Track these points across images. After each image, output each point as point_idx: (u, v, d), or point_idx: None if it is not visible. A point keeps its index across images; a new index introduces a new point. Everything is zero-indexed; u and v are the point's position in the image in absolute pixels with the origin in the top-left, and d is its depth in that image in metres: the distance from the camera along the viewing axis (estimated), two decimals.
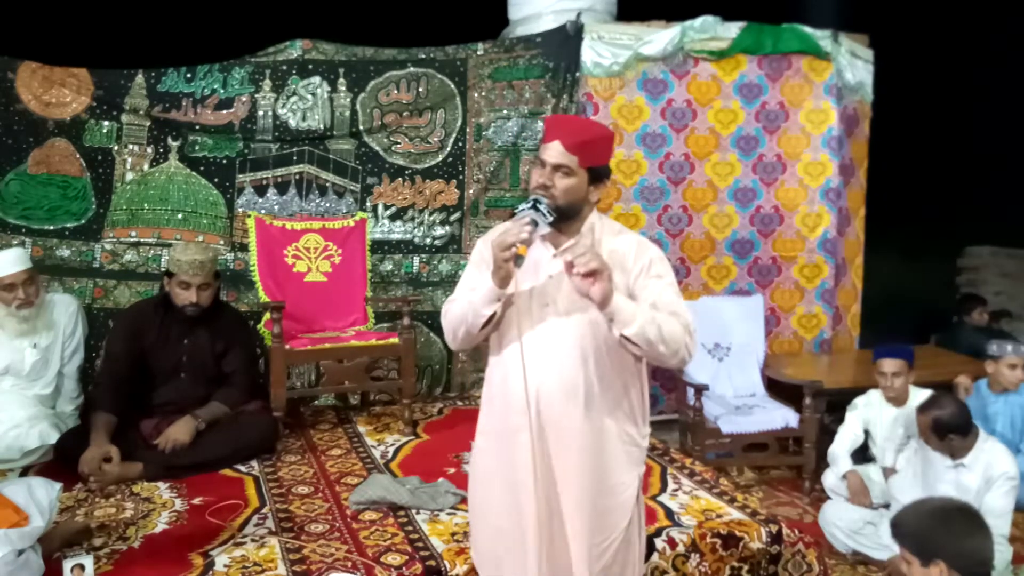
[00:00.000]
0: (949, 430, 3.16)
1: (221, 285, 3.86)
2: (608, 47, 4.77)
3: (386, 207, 4.77)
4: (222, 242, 4.53)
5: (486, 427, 2.16)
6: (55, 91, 4.37)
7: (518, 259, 1.90)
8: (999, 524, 3.11)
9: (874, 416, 3.83)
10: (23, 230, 4.34)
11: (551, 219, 1.94)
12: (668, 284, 2.04)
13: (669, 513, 2.99)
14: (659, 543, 2.74)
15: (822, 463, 3.91)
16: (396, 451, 3.70)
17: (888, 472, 3.63)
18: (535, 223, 1.92)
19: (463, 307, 2.04)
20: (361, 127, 4.71)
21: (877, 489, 3.63)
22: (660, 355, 1.94)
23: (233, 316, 3.88)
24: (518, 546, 2.06)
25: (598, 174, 2.04)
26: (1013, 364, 3.87)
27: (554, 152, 1.98)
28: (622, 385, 2.06)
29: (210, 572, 2.52)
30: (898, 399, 3.75)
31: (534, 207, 1.94)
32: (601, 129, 2.13)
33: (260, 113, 4.58)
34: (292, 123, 4.63)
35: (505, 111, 4.81)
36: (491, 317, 2.01)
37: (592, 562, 2.03)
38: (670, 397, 4.78)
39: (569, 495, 2.03)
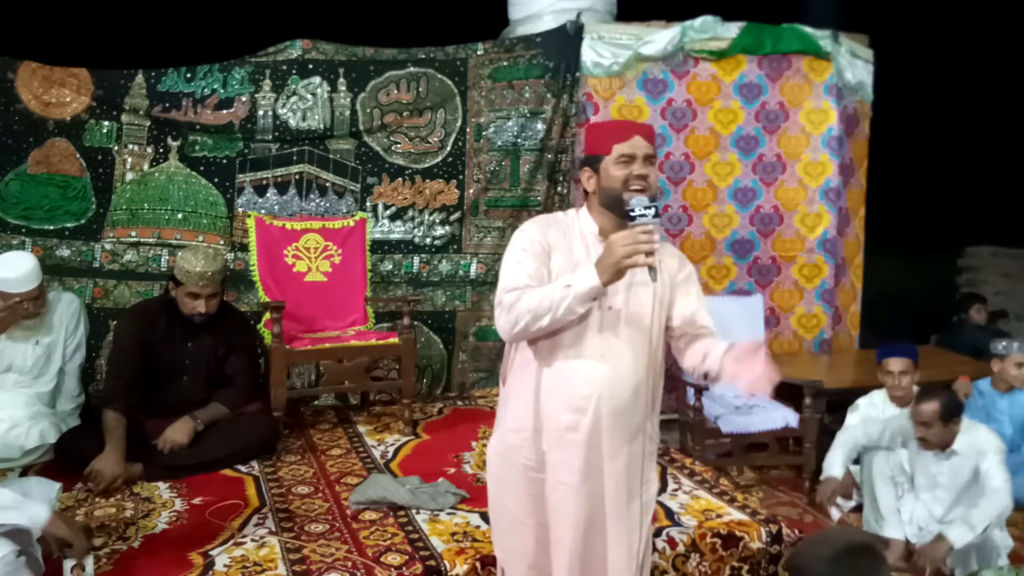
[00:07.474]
0: (956, 413, 3.22)
1: (226, 287, 3.85)
2: (608, 47, 4.77)
3: (386, 207, 4.77)
4: (222, 242, 4.53)
5: (518, 424, 2.09)
6: (55, 91, 4.36)
7: (651, 271, 1.84)
8: (1000, 494, 3.11)
9: (876, 417, 3.81)
10: (23, 230, 4.33)
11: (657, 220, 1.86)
12: (699, 295, 2.16)
13: (669, 513, 2.99)
14: (659, 543, 2.74)
15: (822, 463, 3.90)
16: (396, 451, 3.70)
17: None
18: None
19: (551, 298, 1.88)
20: (361, 127, 4.70)
21: None
22: None
23: (237, 319, 3.86)
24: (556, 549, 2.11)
25: None
26: (1020, 362, 3.87)
27: (643, 144, 1.97)
28: (659, 381, 2.12)
29: (210, 572, 2.52)
30: (904, 398, 3.71)
31: (656, 214, 1.83)
32: None
33: (260, 113, 4.58)
34: (292, 123, 4.62)
35: (505, 111, 4.81)
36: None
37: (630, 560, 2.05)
38: (670, 397, 4.77)
39: (610, 493, 2.05)
